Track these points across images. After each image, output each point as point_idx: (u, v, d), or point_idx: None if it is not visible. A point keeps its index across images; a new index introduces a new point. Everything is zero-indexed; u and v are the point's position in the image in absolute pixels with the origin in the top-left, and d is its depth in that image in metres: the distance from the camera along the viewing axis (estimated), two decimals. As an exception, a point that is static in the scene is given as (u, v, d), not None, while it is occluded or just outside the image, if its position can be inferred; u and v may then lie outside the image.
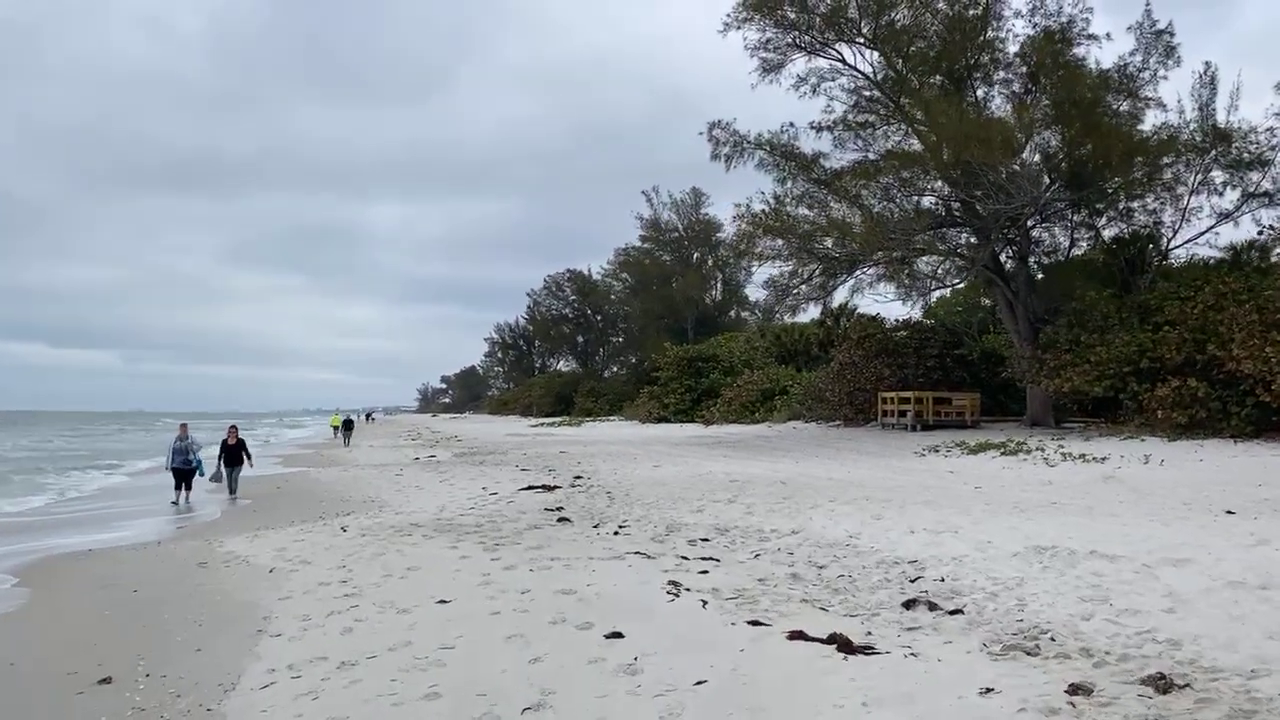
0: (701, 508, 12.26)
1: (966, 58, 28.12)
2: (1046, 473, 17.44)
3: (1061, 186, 26.42)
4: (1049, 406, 29.25)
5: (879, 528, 10.02)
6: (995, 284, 31.03)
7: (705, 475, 17.21)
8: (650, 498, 13.66)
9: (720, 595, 7.10)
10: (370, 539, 10.98)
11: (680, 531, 10.52)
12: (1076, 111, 24.90)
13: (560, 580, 8.01)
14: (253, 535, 12.16)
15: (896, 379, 33.72)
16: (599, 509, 12.87)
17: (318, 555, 10.08)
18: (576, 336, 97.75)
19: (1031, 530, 9.45)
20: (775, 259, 30.00)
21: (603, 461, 22.77)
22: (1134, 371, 24.58)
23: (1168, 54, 28.50)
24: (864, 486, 14.80)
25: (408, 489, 18.76)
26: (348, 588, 8.30)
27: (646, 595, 7.25)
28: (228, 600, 8.25)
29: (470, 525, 11.73)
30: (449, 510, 13.68)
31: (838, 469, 19.33)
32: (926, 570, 7.74)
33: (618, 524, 11.33)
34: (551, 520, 11.89)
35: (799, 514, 11.29)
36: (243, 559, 10.27)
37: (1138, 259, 30.83)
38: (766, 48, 31.01)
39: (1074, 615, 5.96)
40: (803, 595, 7.06)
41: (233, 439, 18.59)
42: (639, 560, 8.83)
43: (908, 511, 11.29)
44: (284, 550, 10.56)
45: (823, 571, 8.00)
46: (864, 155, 30.07)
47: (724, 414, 44.66)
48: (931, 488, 14.86)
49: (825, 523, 10.50)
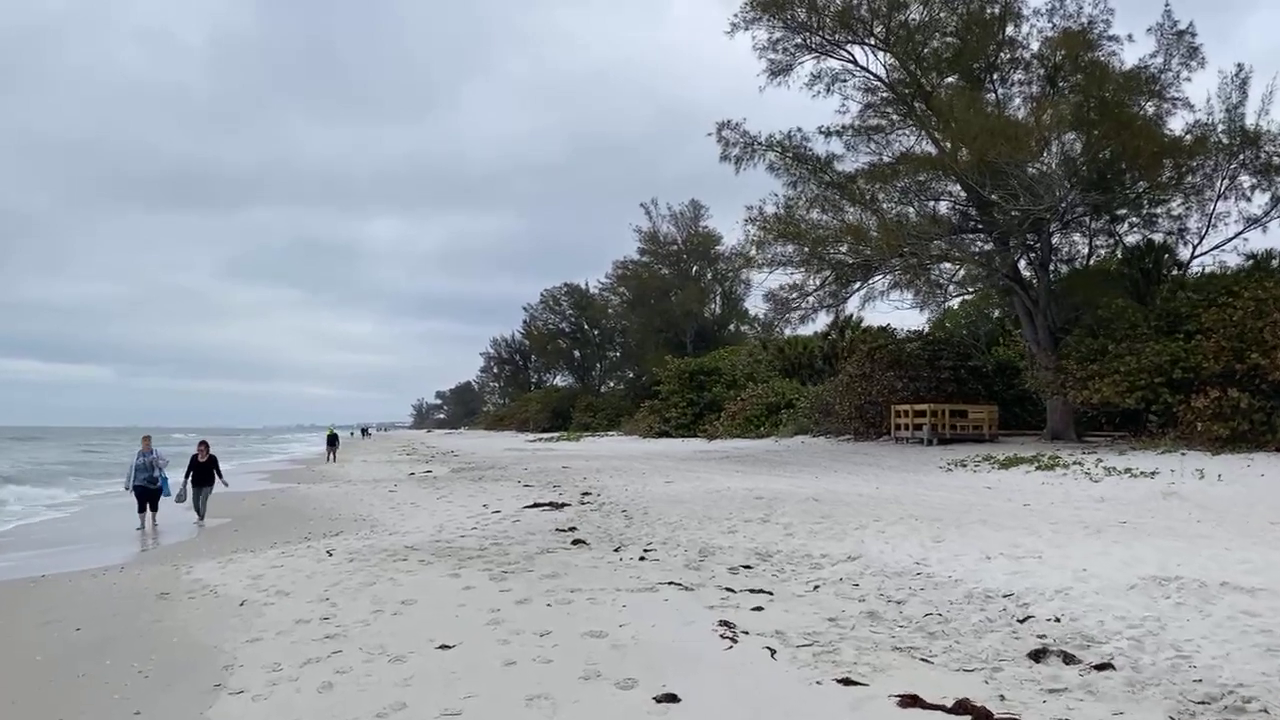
0: (733, 528, 10.90)
1: (986, 55, 27.02)
2: (1093, 488, 16.12)
3: (1088, 188, 25.23)
4: (1070, 419, 28.03)
5: (945, 552, 8.69)
6: (1014, 293, 29.79)
7: (724, 492, 15.86)
8: (672, 517, 12.29)
9: (788, 641, 5.75)
10: (359, 564, 9.60)
11: (715, 556, 9.16)
12: (1104, 110, 23.76)
13: (586, 619, 6.65)
14: (227, 560, 10.77)
15: (909, 391, 32.47)
16: (617, 530, 11.49)
17: (298, 584, 8.70)
18: (573, 351, 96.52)
19: (1126, 555, 8.14)
20: (786, 265, 28.79)
21: (610, 477, 21.41)
22: (1166, 382, 23.39)
23: (1190, 55, 27.47)
24: (903, 504, 13.47)
25: (402, 506, 17.37)
26: (330, 626, 6.93)
27: (695, 640, 5.90)
28: (185, 643, 6.87)
29: (473, 548, 10.35)
30: (448, 531, 12.30)
31: (864, 485, 17.99)
32: (1031, 606, 6.40)
33: (642, 547, 9.96)
34: (565, 543, 10.51)
35: (846, 535, 9.95)
36: (211, 589, 8.88)
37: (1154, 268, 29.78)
38: (775, 49, 29.94)
39: (1267, 673, 4.63)
40: (892, 640, 5.71)
41: (203, 455, 16.55)
42: (676, 593, 7.47)
43: (968, 532, 9.97)
44: (260, 578, 9.17)
45: (903, 608, 6.65)
46: (878, 158, 28.96)
47: (728, 428, 43.37)
48: (977, 505, 13.54)
49: (881, 546, 9.16)
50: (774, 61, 29.96)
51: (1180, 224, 29.37)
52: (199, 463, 16.42)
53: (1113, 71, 24.94)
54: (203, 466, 16.42)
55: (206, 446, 16.90)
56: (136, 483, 15.47)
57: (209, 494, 16.50)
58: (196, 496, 16.18)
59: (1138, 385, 23.74)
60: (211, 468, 16.53)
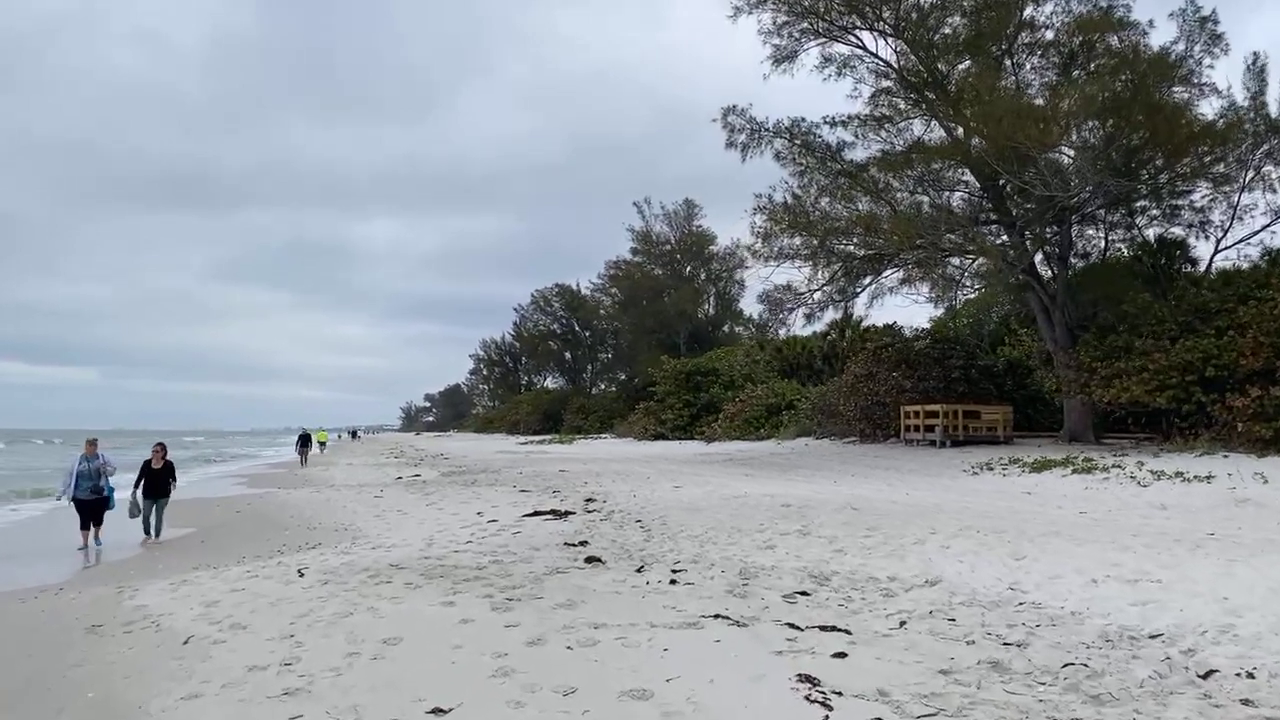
0: (770, 543, 9.42)
1: (1005, 38, 25.69)
2: (1145, 494, 14.72)
3: (1116, 174, 23.89)
4: (1088, 420, 26.75)
5: (1036, 573, 7.26)
6: (1030, 288, 28.46)
7: (743, 499, 14.39)
8: (695, 528, 10.79)
9: (901, 708, 4.29)
10: (334, 588, 8.08)
11: (760, 579, 7.68)
12: (1135, 93, 22.45)
13: (620, 669, 5.17)
14: (181, 580, 9.21)
15: (917, 391, 31.12)
16: (634, 544, 9.99)
17: (259, 615, 7.17)
18: (564, 353, 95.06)
19: (1256, 578, 6.72)
20: (794, 259, 27.36)
21: (612, 481, 19.92)
22: (1198, 380, 22.10)
23: (1212, 41, 26.29)
24: (947, 511, 12.04)
25: (388, 514, 15.85)
26: (291, 676, 5.43)
27: (774, 705, 4.43)
28: (102, 700, 5.34)
29: (469, 567, 8.85)
30: (439, 544, 10.79)
31: (893, 490, 16.56)
32: (1200, 654, 4.96)
33: (669, 566, 8.45)
34: (577, 560, 9.00)
35: (906, 552, 8.50)
36: (154, 619, 7.35)
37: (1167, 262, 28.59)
38: (780, 33, 28.60)
39: None
40: (1042, 708, 4.26)
41: (158, 460, 13.72)
42: (726, 630, 5.99)
43: (1046, 548, 8.54)
44: (214, 606, 7.64)
45: (1028, 653, 5.19)
46: (890, 146, 27.59)
47: (726, 430, 41.95)
48: (1029, 513, 12.12)
49: (955, 566, 7.71)
50: (778, 48, 28.63)
51: (1203, 216, 28.16)
52: (152, 470, 13.58)
53: (1143, 53, 23.66)
54: (157, 475, 13.60)
55: (164, 450, 14.14)
56: (77, 494, 12.79)
57: (164, 507, 13.72)
58: (148, 511, 13.39)
59: (1168, 384, 22.44)
60: (167, 476, 13.81)
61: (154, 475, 13.57)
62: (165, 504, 13.77)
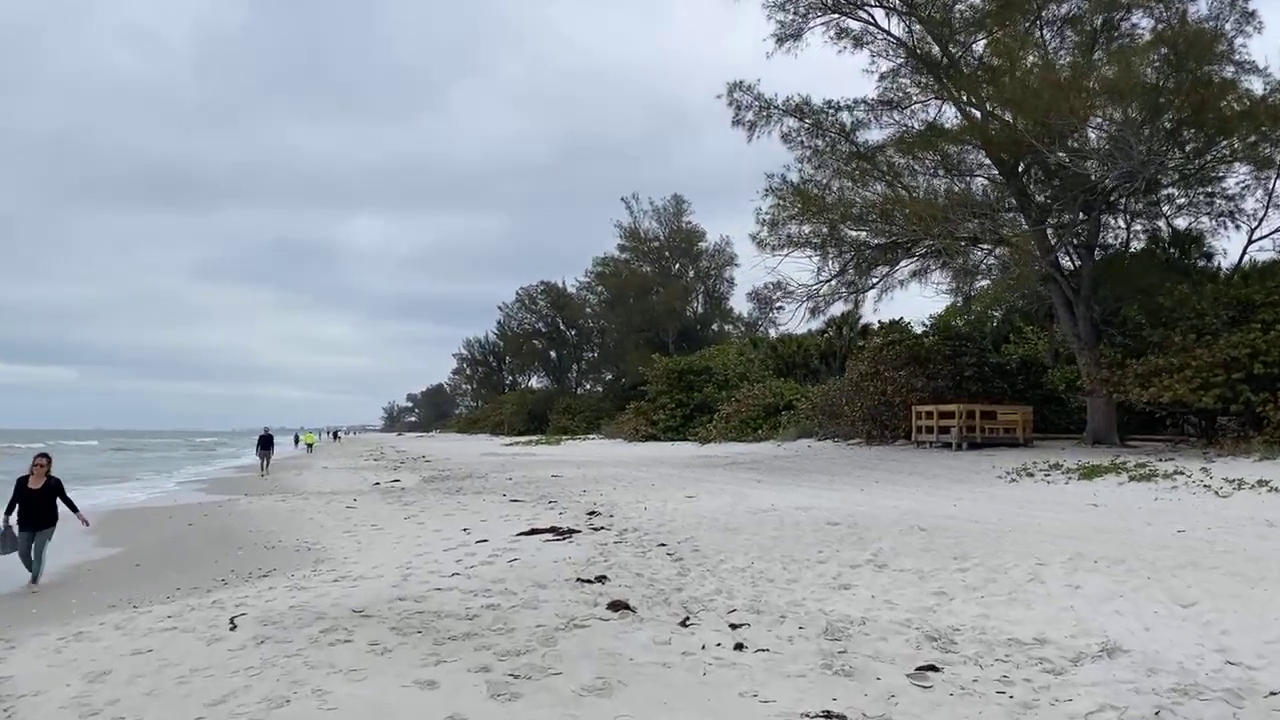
0: (843, 580, 7.37)
1: (1034, 5, 23.83)
2: (1236, 507, 12.82)
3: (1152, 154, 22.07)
4: (1113, 421, 25.05)
5: (1236, 631, 5.26)
6: (1053, 280, 26.65)
7: (772, 513, 12.36)
8: (735, 557, 8.70)
9: None
10: (273, 649, 5.96)
11: (855, 640, 5.62)
12: (1181, 65, 20.65)
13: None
14: (77, 632, 7.04)
15: (928, 391, 29.28)
16: (666, 580, 7.87)
17: (157, 698, 5.04)
18: (549, 352, 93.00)
19: None
20: (804, 247, 25.40)
21: (613, 489, 17.85)
22: (1245, 378, 20.37)
23: (1245, 19, 24.68)
24: (1020, 530, 10.05)
25: (360, 529, 13.71)
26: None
27: None
28: None
29: (456, 614, 6.75)
30: (418, 575, 8.68)
31: (933, 500, 14.57)
32: None
33: (722, 617, 6.36)
34: (598, 606, 6.89)
35: (1026, 594, 6.49)
36: (9, 706, 5.21)
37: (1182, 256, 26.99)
38: (785, 8, 26.72)
39: None
40: None
41: (37, 480, 10.19)
42: (851, 741, 3.96)
43: (1207, 588, 6.57)
44: (102, 680, 5.48)
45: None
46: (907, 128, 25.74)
47: (722, 431, 39.98)
48: (1120, 532, 10.16)
49: (1112, 620, 5.70)
50: (784, 24, 26.79)
51: (1235, 204, 26.48)
52: (29, 491, 10.12)
53: (1190, 24, 21.89)
54: (36, 497, 10.11)
55: (47, 464, 10.40)
56: None
57: (48, 540, 10.16)
58: (27, 546, 9.95)
59: (1213, 381, 20.69)
60: (52, 499, 10.22)
61: (32, 498, 10.09)
62: (49, 536, 10.19)
